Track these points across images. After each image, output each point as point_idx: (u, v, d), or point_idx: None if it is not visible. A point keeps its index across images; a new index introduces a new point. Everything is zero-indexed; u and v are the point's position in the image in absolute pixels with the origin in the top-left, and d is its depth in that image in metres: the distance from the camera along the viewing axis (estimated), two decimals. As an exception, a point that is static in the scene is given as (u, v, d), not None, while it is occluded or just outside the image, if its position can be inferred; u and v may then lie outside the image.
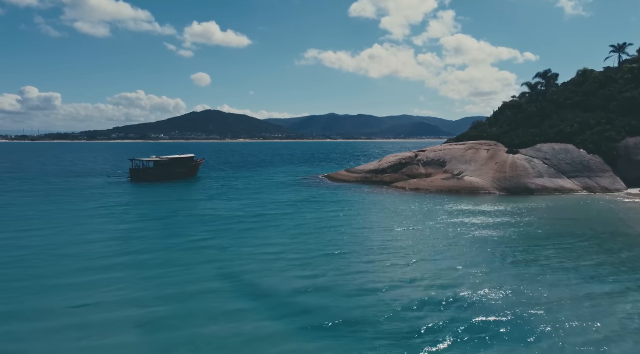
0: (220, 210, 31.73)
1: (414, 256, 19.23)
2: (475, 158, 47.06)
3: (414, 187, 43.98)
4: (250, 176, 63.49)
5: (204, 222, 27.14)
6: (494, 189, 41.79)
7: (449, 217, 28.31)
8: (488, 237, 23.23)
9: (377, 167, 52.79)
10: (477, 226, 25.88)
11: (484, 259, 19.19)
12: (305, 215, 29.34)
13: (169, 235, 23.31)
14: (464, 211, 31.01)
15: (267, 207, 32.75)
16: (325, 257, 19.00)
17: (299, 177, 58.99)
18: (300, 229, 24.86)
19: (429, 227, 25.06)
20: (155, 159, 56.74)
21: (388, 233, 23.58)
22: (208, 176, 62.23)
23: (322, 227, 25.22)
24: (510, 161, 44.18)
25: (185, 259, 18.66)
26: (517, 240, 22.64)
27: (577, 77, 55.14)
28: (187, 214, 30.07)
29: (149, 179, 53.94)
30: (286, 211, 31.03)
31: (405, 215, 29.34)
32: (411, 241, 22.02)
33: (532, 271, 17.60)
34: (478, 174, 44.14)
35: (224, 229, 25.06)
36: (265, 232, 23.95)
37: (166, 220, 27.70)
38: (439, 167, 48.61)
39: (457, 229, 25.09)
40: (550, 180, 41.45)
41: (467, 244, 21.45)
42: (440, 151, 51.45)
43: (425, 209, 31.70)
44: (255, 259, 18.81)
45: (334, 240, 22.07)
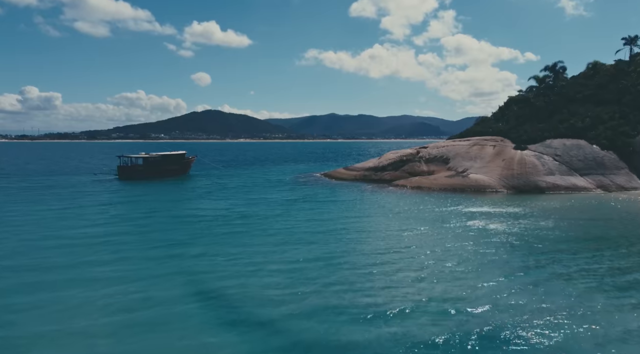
0: (204, 210, 29.01)
1: (421, 267, 16.28)
2: (480, 155, 44.37)
3: (416, 185, 41.31)
4: (245, 173, 60.85)
5: (184, 223, 24.36)
6: (501, 187, 39.10)
7: (456, 219, 25.60)
8: (503, 241, 20.53)
9: (376, 165, 50.11)
10: (489, 228, 23.17)
11: (503, 269, 16.45)
12: (297, 216, 26.54)
13: (138, 240, 20.44)
14: (472, 211, 28.33)
15: (256, 207, 30.01)
16: (317, 269, 16.00)
17: (295, 175, 56.34)
18: (290, 233, 21.89)
19: (435, 231, 22.25)
20: (145, 155, 54.11)
21: (389, 238, 20.66)
22: (200, 173, 59.58)
23: (315, 231, 22.23)
24: (518, 158, 41.48)
25: (148, 271, 15.72)
26: (538, 244, 19.96)
27: (587, 70, 52.42)
28: (167, 215, 27.31)
29: (137, 176, 51.30)
30: (276, 212, 28.21)
31: (407, 216, 26.61)
32: (416, 246, 19.10)
33: (561, 281, 14.93)
34: (484, 172, 41.45)
35: (204, 232, 22.18)
36: (250, 237, 21.00)
37: (141, 221, 24.92)
38: (442, 165, 45.93)
39: (467, 232, 22.39)
40: (561, 177, 38.74)
41: (481, 251, 18.70)
42: (443, 147, 48.77)
43: (429, 209, 28.98)
44: (233, 270, 15.75)
45: (327, 247, 19.02)
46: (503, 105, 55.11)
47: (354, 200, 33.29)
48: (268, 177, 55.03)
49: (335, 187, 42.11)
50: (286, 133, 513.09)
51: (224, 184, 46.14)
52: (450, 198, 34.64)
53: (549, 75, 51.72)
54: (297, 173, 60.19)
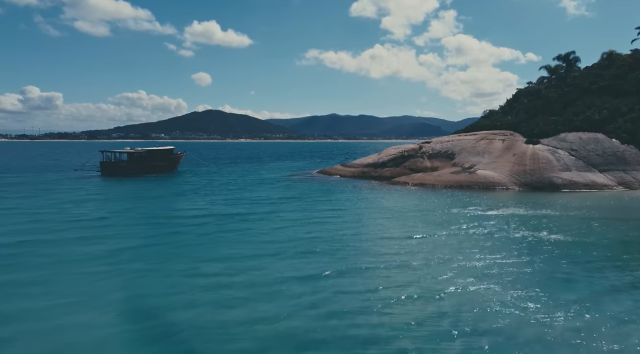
0: (183, 209, 25.59)
1: (436, 288, 12.60)
2: (488, 149, 40.97)
3: (419, 182, 37.92)
4: (237, 171, 57.51)
5: (150, 225, 20.79)
6: (512, 183, 35.69)
7: (467, 221, 22.17)
8: (527, 249, 17.16)
9: (375, 161, 46.74)
10: (506, 232, 19.73)
11: (532, 284, 13.11)
12: (286, 216, 23.02)
13: (93, 243, 16.94)
14: (483, 212, 24.94)
15: (242, 206, 26.55)
16: (303, 284, 12.35)
17: (289, 173, 53.02)
18: (274, 236, 18.36)
19: (445, 238, 18.62)
20: (129, 151, 50.79)
21: (391, 247, 16.98)
22: (190, 170, 56.30)
23: (302, 237, 18.30)
24: (530, 152, 38.07)
25: (86, 286, 12.24)
26: (568, 251, 16.59)
27: (601, 60, 48.99)
28: (138, 214, 23.75)
29: (121, 172, 48.02)
30: (264, 211, 24.76)
31: (410, 217, 23.14)
32: (425, 258, 15.23)
33: (606, 296, 11.56)
34: (493, 167, 38.05)
35: (173, 235, 18.68)
36: (225, 242, 17.43)
37: (100, 222, 21.31)
38: (446, 160, 42.54)
39: (482, 237, 18.98)
40: (578, 174, 35.31)
41: (503, 262, 15.26)
42: (448, 142, 45.38)
43: (435, 210, 25.54)
44: (190, 293, 11.70)
45: (317, 255, 15.37)
46: (511, 97, 51.73)
47: (351, 199, 29.87)
48: (261, 174, 51.69)
49: (330, 185, 38.75)
50: (287, 133, 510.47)
51: (211, 182, 42.81)
52: (457, 196, 31.26)
53: (562, 65, 48.31)
54: (293, 170, 56.89)
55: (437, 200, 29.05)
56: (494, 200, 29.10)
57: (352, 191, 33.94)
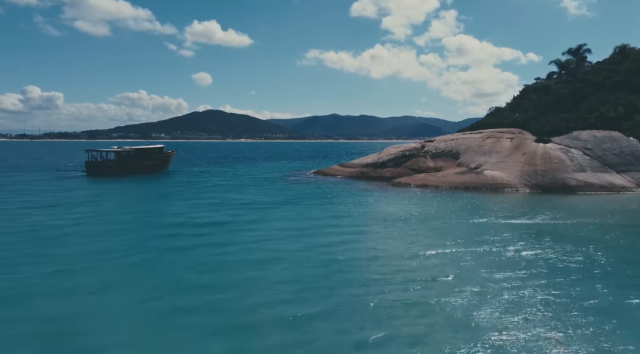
0: (158, 216, 22.87)
1: (452, 320, 10.24)
2: (495, 148, 38.41)
3: (421, 183, 35.36)
4: (231, 171, 55.01)
5: (117, 236, 17.68)
6: (522, 185, 33.14)
7: (479, 230, 19.61)
8: (551, 265, 14.64)
9: (375, 161, 44.21)
10: (528, 246, 17.21)
11: (564, 314, 10.60)
12: (273, 225, 20.16)
13: (29, 264, 14.01)
14: (495, 218, 22.39)
15: (226, 212, 23.76)
16: (285, 331, 9.38)
17: (285, 173, 50.50)
18: (256, 254, 15.12)
19: (454, 252, 15.87)
20: (117, 149, 48.34)
21: (395, 265, 14.06)
22: (181, 170, 53.85)
23: (293, 254, 15.09)
24: (541, 152, 35.51)
25: None
26: (606, 269, 14.05)
27: (614, 54, 46.37)
28: (102, 222, 20.56)
29: (108, 172, 45.60)
30: (250, 218, 21.86)
31: (414, 225, 20.47)
32: (435, 288, 12.31)
33: None
34: (501, 167, 35.49)
35: (132, 251, 15.57)
36: (193, 261, 14.11)
37: (63, 230, 18.61)
38: (450, 160, 39.99)
39: (499, 253, 16.39)
40: (594, 175, 32.74)
41: (528, 283, 12.72)
42: (452, 140, 42.82)
43: (441, 217, 22.88)
44: (133, 332, 9.29)
45: (305, 281, 12.27)
46: (519, 94, 49.12)
47: (348, 203, 27.25)
48: (255, 175, 49.18)
49: (327, 187, 36.22)
50: (287, 133, 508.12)
51: (201, 182, 40.31)
52: (464, 199, 28.72)
53: (572, 60, 45.73)
54: (289, 170, 54.40)
55: (443, 204, 26.50)
56: (505, 204, 26.55)
57: (350, 194, 31.39)
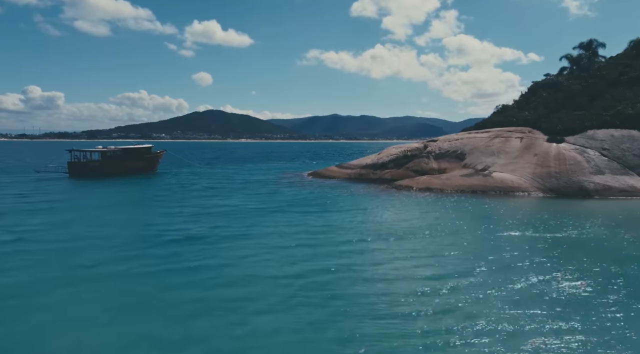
0: (127, 225, 19.85)
1: None
2: (504, 149, 35.72)
3: (424, 186, 32.68)
4: (223, 172, 52.38)
5: (62, 254, 14.69)
6: (535, 188, 30.46)
7: (495, 246, 16.86)
8: (590, 297, 11.99)
9: (375, 161, 41.55)
10: (553, 264, 14.54)
11: None
12: (258, 239, 17.02)
13: None
14: (512, 230, 19.68)
15: (207, 222, 20.70)
16: None
17: (280, 174, 47.85)
18: (228, 286, 11.73)
19: (470, 275, 13.16)
20: (102, 149, 45.75)
21: (400, 293, 11.31)
22: (171, 171, 51.22)
23: (278, 276, 12.43)
24: (554, 152, 32.82)
25: None
26: None
27: (629, 48, 43.68)
28: (53, 236, 17.38)
29: (92, 173, 43.06)
30: (231, 231, 18.50)
31: (419, 239, 17.55)
32: (447, 318, 9.92)
33: None
34: (511, 169, 32.81)
35: (78, 274, 12.74)
36: (153, 290, 11.29)
37: (3, 247, 16.00)
38: (455, 161, 37.32)
39: (521, 273, 13.74)
40: (613, 177, 30.04)
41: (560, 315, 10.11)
42: (457, 140, 40.14)
43: (450, 228, 20.06)
44: None
45: (293, 312, 9.89)
46: (527, 91, 46.45)
47: (345, 210, 24.47)
48: (247, 176, 46.53)
49: (323, 190, 33.57)
50: (288, 133, 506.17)
51: (188, 185, 37.64)
52: (472, 205, 26.05)
53: (584, 54, 43.03)
54: (284, 172, 51.75)
55: (451, 212, 23.80)
56: (520, 211, 23.86)
57: (348, 199, 28.67)
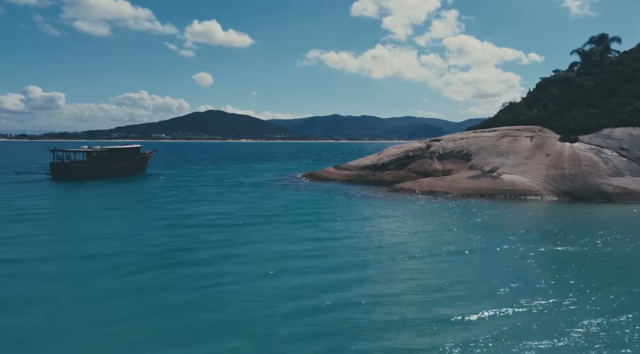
0: (94, 238, 17.03)
1: None
2: (513, 148, 33.27)
3: (428, 189, 30.24)
4: (215, 174, 49.97)
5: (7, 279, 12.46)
6: (548, 191, 28.03)
7: (513, 261, 14.52)
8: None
9: (375, 162, 39.10)
10: (585, 287, 12.12)
11: None
12: (239, 260, 14.02)
13: None
14: (530, 241, 17.26)
15: (187, 233, 17.91)
16: None
17: (275, 177, 45.42)
18: (198, 321, 9.40)
19: (489, 303, 10.90)
20: (87, 149, 43.38)
21: (408, 326, 9.36)
22: (161, 172, 48.83)
23: (259, 312, 9.76)
24: (568, 152, 30.39)
25: None
26: None
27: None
28: (10, 253, 15.22)
29: (76, 175, 40.72)
30: (211, 246, 15.66)
31: (427, 253, 15.15)
32: None
33: None
34: (521, 171, 30.37)
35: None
36: (94, 328, 9.00)
37: None
38: (461, 161, 34.88)
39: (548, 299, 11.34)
40: (634, 180, 27.60)
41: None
42: (462, 139, 37.69)
43: (459, 238, 17.74)
44: None
45: None
46: (535, 88, 43.98)
47: (342, 218, 22.03)
48: (240, 178, 44.11)
49: (319, 194, 31.16)
50: (289, 134, 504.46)
51: (175, 188, 35.20)
52: (481, 211, 23.61)
53: (597, 49, 40.57)
54: (279, 173, 49.34)
55: (458, 220, 21.37)
56: (535, 218, 21.45)
57: (345, 205, 26.13)
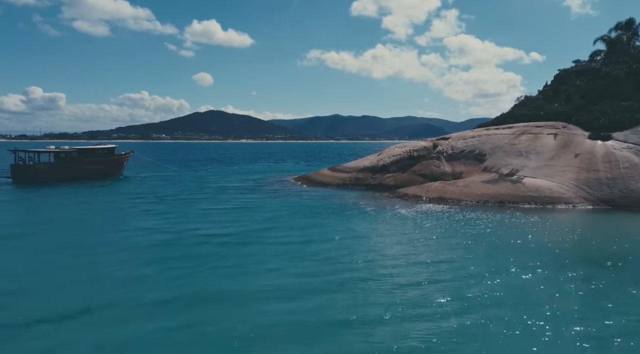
0: (22, 272, 13.26)
1: None
2: (535, 147, 28.74)
3: (437, 196, 25.69)
4: (198, 176, 45.48)
5: None
6: (581, 198, 23.50)
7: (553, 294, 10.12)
8: None
9: (374, 164, 34.54)
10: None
11: None
12: (193, 304, 10.42)
13: None
14: (567, 267, 12.80)
15: (134, 266, 13.70)
16: None
17: (264, 180, 40.91)
18: None
19: None
20: (54, 150, 38.90)
21: None
22: (139, 175, 44.31)
23: None
24: (601, 152, 25.86)
25: None
26: None
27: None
28: None
29: (41, 178, 36.29)
30: (165, 287, 11.79)
31: (446, 291, 10.86)
32: None
33: None
34: (546, 174, 25.83)
35: None
36: None
37: None
38: (473, 163, 30.35)
39: None
40: (685, 184, 23.06)
41: None
42: (473, 137, 33.15)
43: (485, 268, 13.27)
44: None
45: None
46: (554, 79, 39.42)
47: (335, 236, 17.61)
48: (225, 182, 39.59)
49: (310, 202, 26.65)
50: (289, 134, 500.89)
51: (148, 195, 30.50)
52: (504, 224, 19.08)
53: (624, 35, 36.01)
54: (271, 175, 44.82)
55: (479, 238, 16.85)
56: (571, 235, 16.91)
57: (340, 216, 21.46)
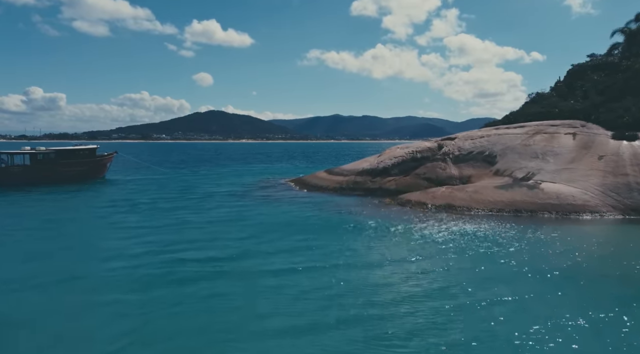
0: None
1: None
2: (552, 149, 25.90)
3: (444, 203, 22.85)
4: (186, 179, 42.68)
5: None
6: (609, 206, 20.68)
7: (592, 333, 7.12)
8: None
9: (374, 166, 31.69)
10: None
11: None
12: None
13: None
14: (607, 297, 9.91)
15: (78, 302, 11.21)
16: None
17: (255, 184, 38.07)
18: None
19: None
20: (30, 151, 36.19)
21: None
22: (121, 178, 41.52)
23: None
24: (629, 153, 23.04)
25: None
26: None
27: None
28: None
29: (14, 181, 33.77)
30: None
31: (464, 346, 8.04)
32: None
33: None
34: (567, 178, 22.98)
35: None
36: None
37: None
38: (482, 165, 27.52)
39: None
40: None
41: None
42: (482, 137, 30.30)
43: (513, 303, 10.50)
44: None
45: None
46: (567, 75, 36.62)
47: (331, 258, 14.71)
48: (212, 187, 36.74)
49: (302, 211, 23.78)
50: (289, 134, 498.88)
51: (124, 202, 27.70)
52: (524, 238, 16.25)
53: (645, 26, 33.23)
54: (263, 178, 42.01)
55: (498, 256, 14.01)
56: (605, 252, 14.06)
57: (336, 230, 18.47)
